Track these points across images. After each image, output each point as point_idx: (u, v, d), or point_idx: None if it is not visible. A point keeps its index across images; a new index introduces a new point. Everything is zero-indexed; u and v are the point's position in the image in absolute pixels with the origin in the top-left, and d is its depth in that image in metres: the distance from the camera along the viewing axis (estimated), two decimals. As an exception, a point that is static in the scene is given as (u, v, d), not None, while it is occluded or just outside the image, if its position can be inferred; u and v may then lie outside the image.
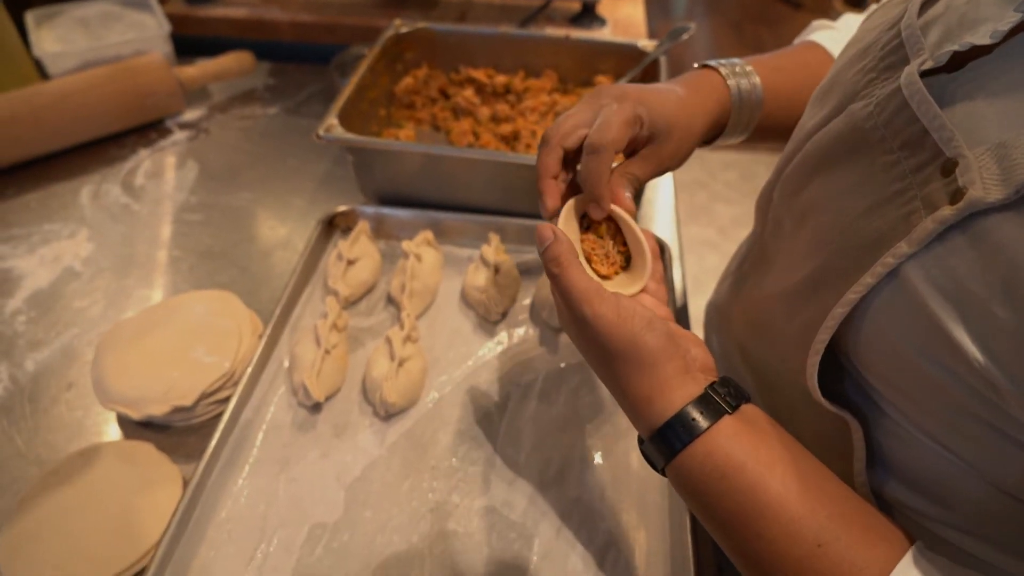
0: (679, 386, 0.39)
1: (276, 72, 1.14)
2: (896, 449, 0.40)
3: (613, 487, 0.58)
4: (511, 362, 0.68)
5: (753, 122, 0.57)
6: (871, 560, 0.34)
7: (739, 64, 0.56)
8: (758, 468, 0.36)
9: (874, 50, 0.40)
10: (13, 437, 0.61)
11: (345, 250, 0.72)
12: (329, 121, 0.77)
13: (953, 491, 0.37)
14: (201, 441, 0.59)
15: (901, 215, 0.34)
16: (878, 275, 0.34)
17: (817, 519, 0.35)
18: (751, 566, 0.37)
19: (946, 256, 0.32)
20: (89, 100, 0.92)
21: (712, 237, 2.15)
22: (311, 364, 0.61)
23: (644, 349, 0.39)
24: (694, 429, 0.38)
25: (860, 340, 0.37)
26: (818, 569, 0.34)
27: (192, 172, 0.92)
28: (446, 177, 0.79)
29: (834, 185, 0.40)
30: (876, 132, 0.37)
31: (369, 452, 0.60)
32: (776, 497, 0.36)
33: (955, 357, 0.32)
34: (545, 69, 0.99)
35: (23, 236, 0.81)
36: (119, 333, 0.66)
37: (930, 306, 0.32)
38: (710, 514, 0.38)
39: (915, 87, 0.35)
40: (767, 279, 0.50)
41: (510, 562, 0.53)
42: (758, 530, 0.36)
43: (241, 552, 0.53)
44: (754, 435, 0.38)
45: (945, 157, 0.33)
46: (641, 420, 0.41)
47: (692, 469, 0.38)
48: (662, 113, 0.50)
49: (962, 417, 0.34)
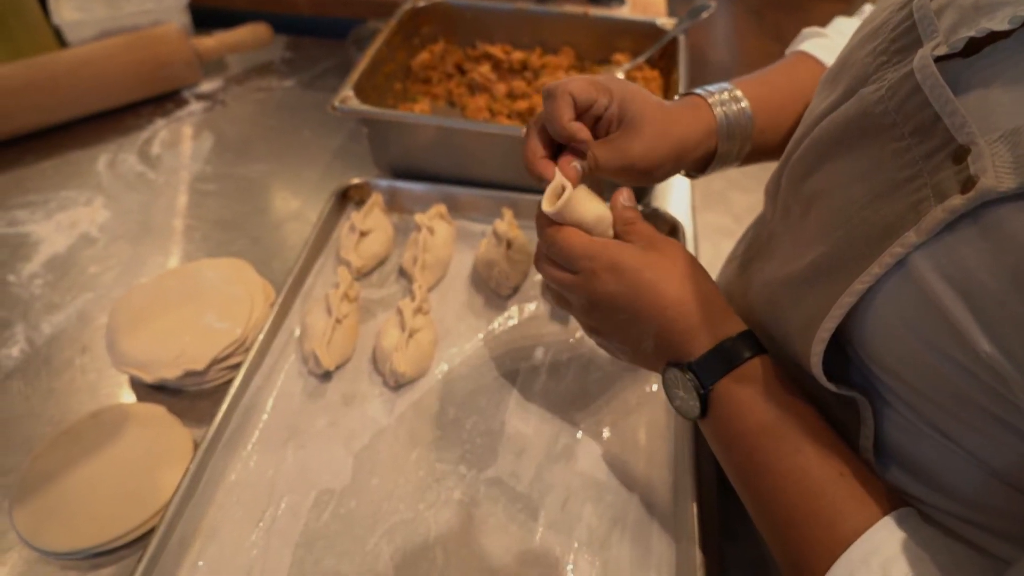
0: (729, 316, 0.46)
1: (292, 45, 1.13)
2: (897, 437, 0.39)
3: (620, 463, 0.58)
4: (521, 337, 0.68)
5: (746, 147, 0.55)
6: (865, 507, 0.37)
7: (727, 90, 0.54)
8: (788, 399, 0.42)
9: (885, 31, 0.39)
10: (28, 397, 0.62)
11: (358, 221, 0.72)
12: (344, 93, 0.76)
13: (954, 480, 0.37)
14: (212, 406, 0.60)
15: (910, 203, 0.34)
16: (886, 265, 0.34)
17: (843, 450, 0.40)
18: (778, 482, 0.40)
19: (956, 246, 0.31)
20: (106, 69, 0.92)
21: (728, 224, 2.13)
22: (322, 333, 0.62)
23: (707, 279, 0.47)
24: (756, 346, 0.44)
25: (865, 329, 0.37)
26: (819, 509, 0.38)
27: (208, 143, 0.93)
28: (461, 151, 0.78)
29: (842, 171, 0.40)
30: (887, 117, 0.36)
31: (378, 421, 0.60)
32: (816, 420, 0.41)
33: (962, 348, 0.31)
34: (563, 46, 0.98)
35: (41, 202, 0.82)
36: (133, 298, 0.66)
37: (938, 296, 0.32)
38: (754, 421, 0.42)
39: (928, 71, 0.34)
40: (772, 264, 0.49)
41: (515, 533, 0.53)
42: (798, 444, 0.40)
43: (249, 515, 0.54)
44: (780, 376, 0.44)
45: (957, 144, 0.32)
46: (696, 339, 0.44)
47: (754, 377, 0.43)
48: (637, 103, 0.49)
49: (966, 407, 0.34)
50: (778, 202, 0.50)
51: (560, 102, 0.47)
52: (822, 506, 0.38)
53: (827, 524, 0.37)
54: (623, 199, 0.50)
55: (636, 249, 0.47)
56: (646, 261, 0.46)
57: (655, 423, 0.61)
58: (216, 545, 0.52)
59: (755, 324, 0.46)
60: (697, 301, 0.45)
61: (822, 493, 0.38)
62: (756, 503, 0.42)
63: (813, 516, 0.38)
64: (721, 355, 0.43)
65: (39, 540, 0.51)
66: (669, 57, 0.92)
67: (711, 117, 0.53)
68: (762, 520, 0.42)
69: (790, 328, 0.43)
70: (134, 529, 0.52)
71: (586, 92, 0.47)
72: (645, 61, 0.93)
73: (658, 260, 0.46)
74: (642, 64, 0.94)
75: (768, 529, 0.41)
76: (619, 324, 0.47)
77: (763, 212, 0.57)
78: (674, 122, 0.51)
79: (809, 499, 0.38)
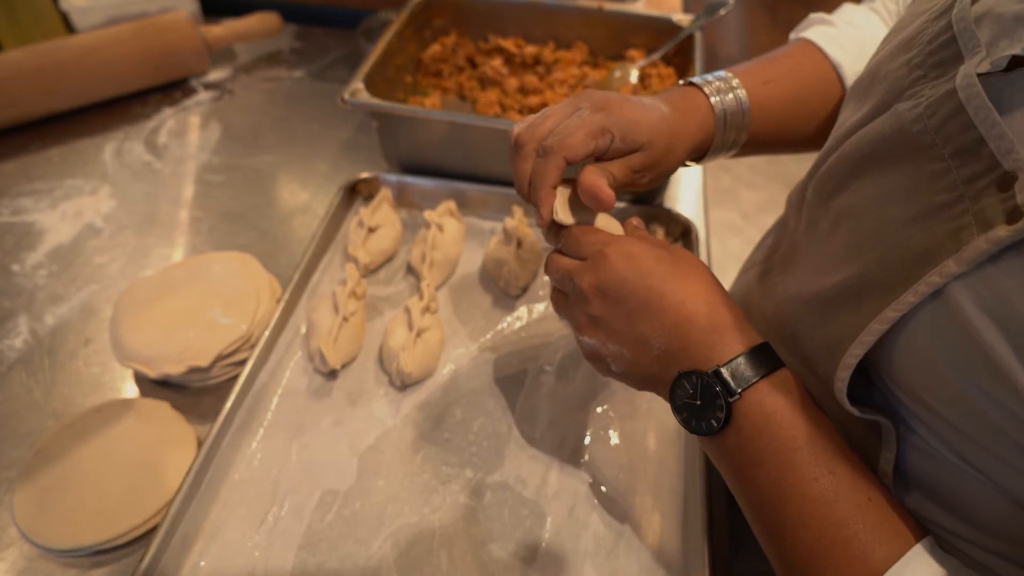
0: (746, 326, 0.42)
1: (302, 35, 1.12)
2: (919, 462, 0.38)
3: (629, 469, 0.57)
4: (530, 337, 0.67)
5: (742, 137, 0.54)
6: (889, 537, 0.36)
7: (725, 78, 0.53)
8: (814, 415, 0.39)
9: (920, 42, 0.37)
10: (31, 389, 0.62)
11: (366, 217, 0.71)
12: (355, 86, 0.75)
13: (978, 509, 0.36)
14: (216, 402, 0.59)
15: (949, 230, 0.32)
16: (921, 294, 0.32)
17: (868, 473, 0.38)
18: (807, 507, 0.37)
19: (999, 278, 0.30)
20: (114, 56, 0.91)
21: (736, 221, 2.12)
22: (328, 331, 0.61)
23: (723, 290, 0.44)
24: (777, 362, 0.40)
25: (895, 356, 0.36)
26: (869, 521, 0.36)
27: (215, 133, 0.92)
28: (472, 147, 0.77)
29: (875, 189, 0.38)
30: (925, 137, 0.34)
31: (383, 422, 0.59)
32: (841, 439, 0.39)
33: (998, 382, 0.30)
34: (576, 41, 0.97)
35: (46, 191, 0.81)
36: (138, 291, 0.65)
37: (976, 329, 0.30)
38: (788, 437, 0.38)
39: (973, 90, 0.32)
40: (795, 278, 0.48)
41: (521, 539, 0.53)
42: (831, 466, 0.37)
43: (252, 514, 0.53)
44: (801, 392, 0.40)
45: (1003, 170, 0.30)
46: (724, 340, 0.40)
47: (788, 388, 0.39)
48: (639, 130, 0.47)
49: (996, 438, 0.32)
50: (803, 214, 0.48)
51: (552, 160, 0.44)
52: (852, 535, 0.35)
53: (858, 555, 0.35)
54: (635, 223, 0.50)
55: (650, 245, 0.44)
56: (660, 255, 0.43)
57: (665, 429, 0.60)
58: (218, 545, 0.51)
59: (774, 340, 0.45)
60: (722, 300, 0.42)
61: (852, 521, 0.36)
62: (777, 529, 0.38)
63: (842, 546, 0.35)
64: (756, 359, 0.39)
65: (40, 537, 0.51)
66: (684, 54, 0.90)
67: (708, 107, 0.52)
68: (781, 548, 0.39)
69: (814, 348, 0.42)
70: (137, 527, 0.52)
71: (586, 146, 0.45)
72: (660, 58, 0.92)
73: (673, 258, 0.44)
74: (657, 61, 0.92)
75: (786, 558, 0.38)
76: (626, 314, 0.42)
77: (784, 219, 0.55)
78: (676, 134, 0.50)
79: (840, 527, 0.36)
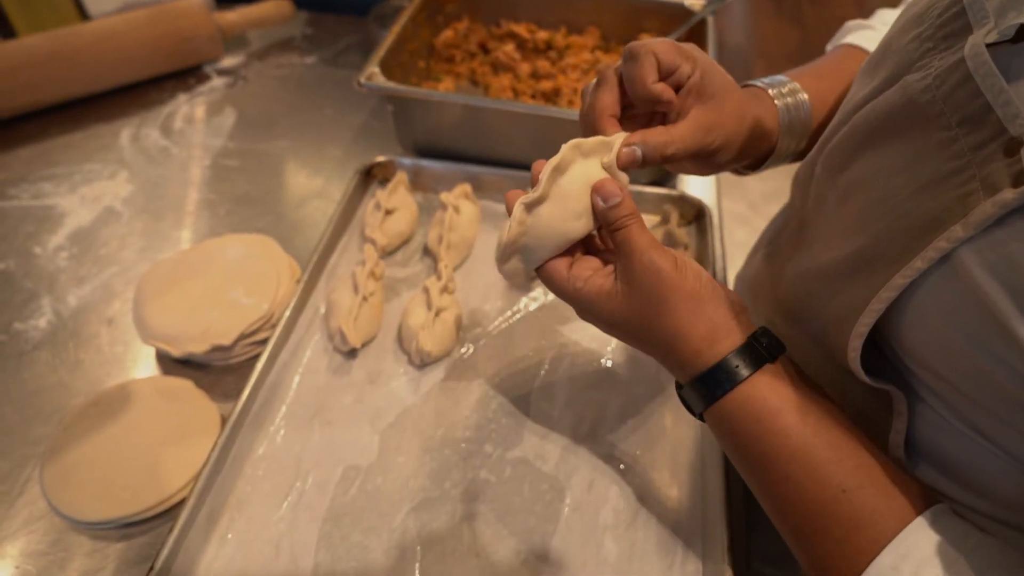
0: (725, 335, 0.40)
1: (314, 22, 1.12)
2: (930, 433, 0.39)
3: (646, 445, 0.58)
4: (546, 318, 0.67)
5: (803, 144, 0.53)
6: (892, 510, 0.35)
7: (785, 83, 0.52)
8: (792, 414, 0.38)
9: (931, 16, 0.37)
10: (56, 368, 0.62)
11: (383, 200, 0.72)
12: (370, 70, 0.76)
13: (988, 478, 0.36)
14: (237, 381, 0.60)
15: (957, 196, 0.32)
16: (930, 260, 0.33)
17: (843, 466, 0.37)
18: (778, 507, 0.40)
19: (1006, 241, 0.30)
20: (128, 42, 0.91)
21: (743, 211, 2.11)
22: (348, 310, 0.62)
23: (698, 298, 0.40)
24: (736, 376, 0.40)
25: (905, 324, 0.36)
26: (840, 513, 0.36)
27: (230, 118, 0.92)
28: (486, 131, 0.78)
29: (884, 161, 0.38)
30: (934, 106, 0.35)
31: (403, 399, 0.60)
32: (806, 443, 0.38)
33: (1009, 346, 0.30)
34: (588, 26, 0.97)
35: (65, 175, 0.82)
36: (159, 272, 0.66)
37: (985, 292, 0.31)
38: (742, 455, 0.41)
39: (981, 59, 0.32)
40: (805, 254, 0.48)
41: (541, 513, 0.54)
42: (787, 472, 0.38)
43: (277, 489, 0.54)
44: (790, 384, 0.40)
45: (1009, 136, 0.31)
46: (685, 367, 0.41)
47: (731, 412, 0.40)
48: (719, 76, 0.46)
49: (1007, 406, 0.33)
50: (811, 190, 0.48)
51: (644, 62, 0.44)
52: (853, 508, 0.36)
53: (857, 527, 0.36)
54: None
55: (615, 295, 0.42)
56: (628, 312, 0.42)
57: (681, 407, 0.60)
58: (244, 518, 0.52)
59: (786, 316, 0.45)
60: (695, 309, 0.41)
61: (853, 495, 0.36)
62: (777, 502, 0.40)
63: (845, 519, 0.36)
64: (707, 383, 0.41)
65: (70, 509, 0.52)
66: (697, 39, 0.90)
67: (774, 109, 0.51)
68: (785, 522, 0.40)
69: (825, 321, 0.42)
70: (163, 501, 0.53)
71: (670, 55, 0.44)
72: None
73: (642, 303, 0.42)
74: (669, 45, 0.92)
75: (791, 532, 0.39)
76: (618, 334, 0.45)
77: (791, 200, 0.56)
78: (750, 103, 0.49)
79: (840, 502, 0.36)
